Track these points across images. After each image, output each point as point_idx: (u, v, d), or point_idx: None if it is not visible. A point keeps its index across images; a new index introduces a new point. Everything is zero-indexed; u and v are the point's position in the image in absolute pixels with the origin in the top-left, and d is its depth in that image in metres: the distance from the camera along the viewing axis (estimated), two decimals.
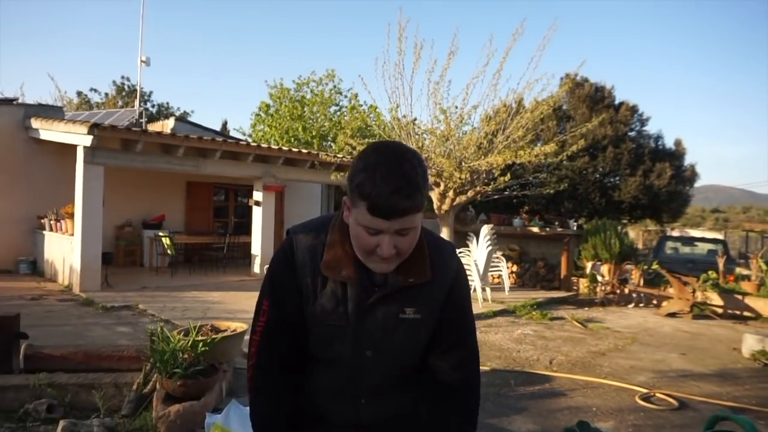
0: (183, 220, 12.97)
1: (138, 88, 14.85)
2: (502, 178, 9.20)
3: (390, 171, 1.10)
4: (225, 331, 4.55)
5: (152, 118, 19.18)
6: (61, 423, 3.48)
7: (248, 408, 1.93)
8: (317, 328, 1.29)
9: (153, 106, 25.10)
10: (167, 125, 14.06)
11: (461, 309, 1.37)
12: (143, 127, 11.49)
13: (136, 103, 14.36)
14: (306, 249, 1.28)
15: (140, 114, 13.15)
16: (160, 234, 10.68)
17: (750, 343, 6.53)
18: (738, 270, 11.70)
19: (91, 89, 26.01)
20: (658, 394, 4.83)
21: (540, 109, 9.17)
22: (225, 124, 26.75)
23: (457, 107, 9.64)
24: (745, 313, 9.43)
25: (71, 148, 9.02)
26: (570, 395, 4.78)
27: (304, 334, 1.31)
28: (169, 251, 10.50)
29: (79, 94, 25.66)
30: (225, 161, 10.35)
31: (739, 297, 9.62)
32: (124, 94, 24.85)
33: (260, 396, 1.35)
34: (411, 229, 1.17)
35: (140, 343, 5.41)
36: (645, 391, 4.89)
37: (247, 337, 5.08)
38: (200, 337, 4.03)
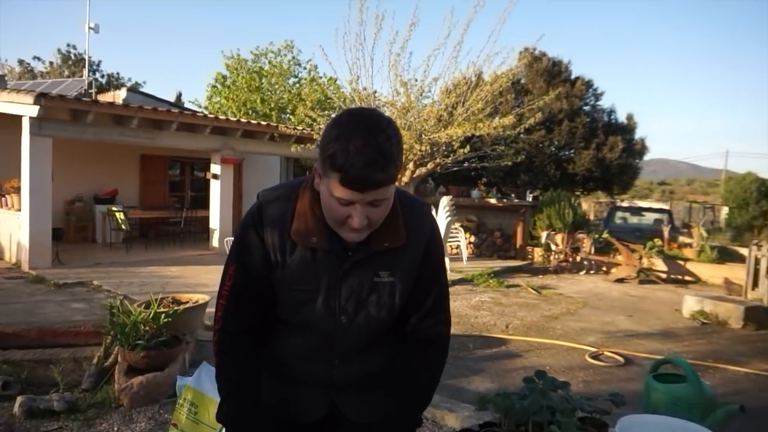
0: (137, 194, 12.59)
1: (86, 56, 14.15)
2: (461, 150, 9.33)
3: (365, 143, 1.06)
4: (187, 303, 4.53)
5: (102, 89, 18.31)
6: (19, 399, 3.43)
7: None
8: (286, 293, 1.28)
9: (102, 76, 23.94)
10: (118, 96, 13.49)
11: (437, 269, 1.39)
12: (93, 98, 11.00)
13: (85, 72, 13.72)
14: (275, 214, 1.27)
15: (89, 84, 12.54)
16: (113, 209, 10.36)
17: (690, 304, 6.97)
18: (681, 238, 12.34)
19: (35, 57, 24.67)
20: (606, 353, 5.13)
21: (499, 81, 9.28)
22: (179, 96, 25.82)
23: (417, 80, 9.65)
24: (686, 278, 10.01)
25: (16, 120, 8.57)
26: (525, 356, 5.02)
27: (271, 298, 1.30)
28: (123, 226, 10.22)
29: (21, 62, 24.24)
30: (181, 133, 10.06)
31: (681, 263, 10.19)
32: (70, 63, 23.56)
33: (226, 358, 1.34)
34: (383, 200, 1.15)
35: (97, 318, 5.32)
36: (594, 350, 5.19)
37: (209, 309, 5.08)
38: (162, 309, 4.00)
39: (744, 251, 11.22)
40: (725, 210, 21.44)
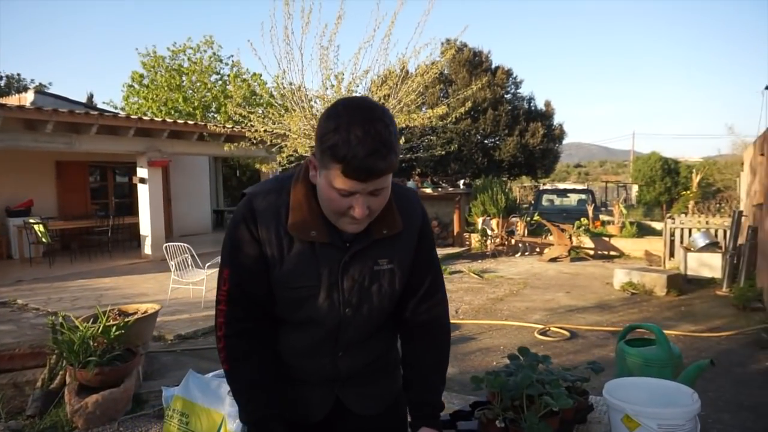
0: (55, 204, 11.73)
1: None
2: None
3: (365, 132, 1.05)
4: (134, 314, 4.31)
5: (2, 92, 16.84)
6: None
7: (207, 376, 1.92)
8: (286, 290, 1.25)
9: (0, 78, 22.02)
10: (25, 99, 12.46)
11: (431, 254, 1.42)
12: None
13: None
14: (268, 211, 1.23)
15: None
16: (31, 221, 9.61)
17: (620, 277, 7.49)
18: (602, 217, 13.19)
19: None
20: (552, 328, 5.42)
21: (430, 73, 9.45)
22: (91, 98, 24.21)
23: (344, 74, 9.64)
24: (612, 253, 10.72)
25: None
26: (479, 338, 5.21)
27: (270, 299, 1.28)
28: (43, 239, 9.51)
29: None
30: (102, 137, 9.47)
31: (606, 239, 10.91)
32: None
33: (240, 364, 1.28)
34: (383, 189, 1.15)
35: (31, 339, 4.95)
36: (541, 327, 5.46)
37: (159, 318, 4.87)
38: (111, 322, 3.79)
39: (655, 225, 12.20)
40: (635, 188, 23.09)
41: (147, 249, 10.44)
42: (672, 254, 9.14)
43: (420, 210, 1.38)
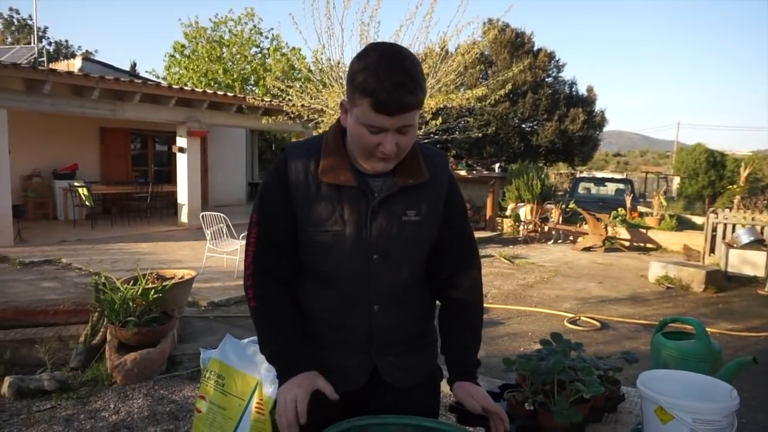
0: (98, 169, 12.12)
1: (34, 22, 13.32)
2: (433, 122, 9.35)
3: (393, 67, 1.12)
4: (172, 279, 4.45)
5: (51, 58, 17.35)
6: (8, 379, 3.33)
7: (244, 341, 1.97)
8: (314, 235, 1.28)
9: (50, 44, 22.64)
10: (74, 65, 12.81)
11: (462, 217, 1.42)
12: (47, 67, 10.43)
13: (33, 39, 12.91)
14: (301, 160, 1.29)
15: (40, 52, 11.85)
16: (76, 184, 9.96)
17: (655, 270, 7.32)
18: (640, 208, 12.84)
19: None
20: (582, 318, 5.35)
21: (471, 53, 9.29)
22: (134, 66, 24.71)
23: None
24: (648, 245, 10.46)
25: None
26: (507, 323, 5.19)
27: (294, 246, 1.32)
28: (87, 202, 9.85)
29: None
30: (145, 105, 9.69)
31: (643, 231, 10.63)
32: (13, 29, 22.15)
33: (263, 299, 1.32)
34: (411, 127, 1.19)
35: (74, 296, 5.18)
36: (571, 315, 5.40)
37: (195, 284, 5.02)
38: (150, 285, 3.92)
39: (696, 219, 11.81)
40: (677, 180, 22.35)
41: (183, 217, 10.71)
42: (713, 250, 8.87)
43: (448, 169, 1.41)
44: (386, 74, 1.11)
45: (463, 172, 12.51)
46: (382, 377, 1.41)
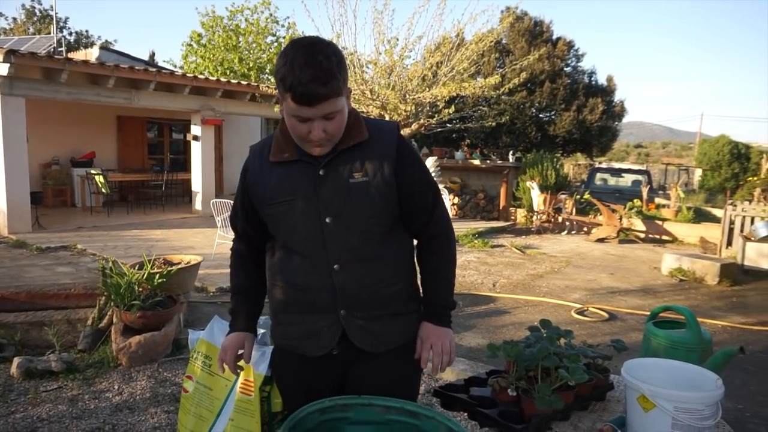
0: (115, 157, 12.30)
1: (53, 12, 13.50)
2: (446, 111, 9.28)
3: (305, 62, 1.22)
4: (178, 264, 4.51)
5: (71, 47, 17.59)
6: (16, 360, 3.42)
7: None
8: (268, 209, 1.44)
9: (70, 33, 22.94)
10: (91, 54, 12.96)
11: (421, 174, 1.48)
12: (65, 56, 10.58)
13: (52, 29, 13.10)
14: (258, 154, 1.49)
15: (59, 42, 12.02)
16: (93, 172, 10.12)
17: (668, 262, 7.20)
18: (658, 200, 12.62)
19: None
20: (590, 309, 5.30)
21: (485, 41, 9.17)
22: (153, 56, 24.92)
23: (398, 40, 9.47)
24: (664, 237, 10.29)
25: None
26: (513, 313, 5.16)
27: (257, 231, 1.53)
28: (103, 190, 10.01)
29: None
30: (160, 93, 9.79)
31: (659, 223, 10.45)
32: (35, 19, 22.48)
33: (234, 270, 1.64)
34: (336, 113, 1.30)
35: (86, 281, 5.28)
36: (579, 306, 5.35)
37: (201, 271, 5.08)
38: (155, 270, 3.98)
39: (716, 212, 11.57)
40: (699, 172, 21.90)
41: (197, 205, 10.83)
42: (730, 243, 8.67)
43: (395, 132, 1.47)
44: (300, 68, 1.22)
45: (476, 162, 12.42)
46: (351, 341, 1.44)
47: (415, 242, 1.58)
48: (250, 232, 1.55)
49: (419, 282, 1.57)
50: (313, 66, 1.22)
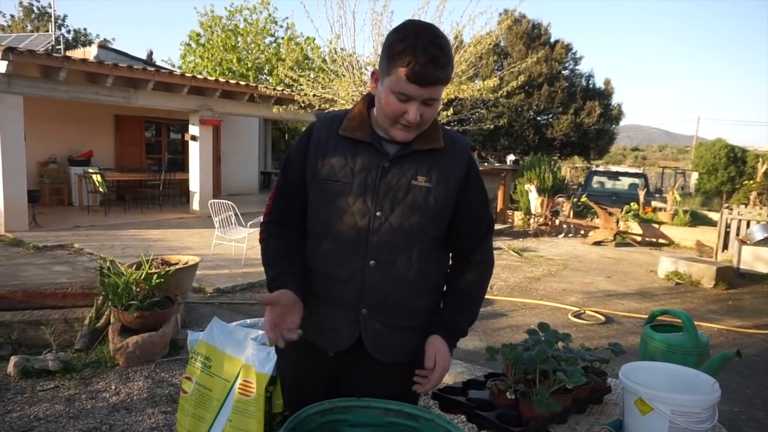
0: (113, 156, 12.28)
1: (52, 10, 13.47)
2: (444, 113, 9.30)
3: (429, 42, 1.22)
4: (176, 264, 4.50)
5: (69, 46, 17.54)
6: (13, 359, 3.41)
7: (231, 325, 1.99)
8: (323, 185, 1.37)
9: (69, 31, 22.87)
10: (89, 53, 12.94)
11: (482, 197, 1.47)
12: (63, 54, 10.56)
13: (51, 27, 13.07)
14: (326, 123, 1.42)
15: (57, 40, 11.98)
16: (90, 171, 10.10)
17: (665, 265, 7.22)
18: (654, 203, 12.66)
19: None
20: (587, 312, 5.31)
21: (484, 43, 9.19)
22: (150, 55, 24.87)
23: None
24: (660, 240, 10.33)
25: None
26: (510, 315, 5.17)
27: (304, 206, 1.43)
28: (101, 189, 9.99)
29: None
30: (158, 93, 9.77)
31: (656, 226, 10.49)
32: (33, 17, 22.41)
33: (271, 240, 1.45)
34: (436, 101, 1.30)
35: (83, 280, 5.27)
36: (576, 309, 5.36)
37: (198, 272, 5.08)
38: (153, 270, 3.98)
39: (713, 215, 11.62)
40: (695, 176, 21.97)
41: (195, 205, 10.82)
42: (726, 246, 8.72)
43: (468, 152, 1.46)
44: (423, 48, 1.21)
45: None
46: (364, 345, 1.42)
47: (450, 262, 1.54)
48: (292, 202, 1.44)
49: (443, 299, 1.52)
50: (437, 48, 1.22)
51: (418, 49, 1.21)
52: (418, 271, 1.40)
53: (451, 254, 1.52)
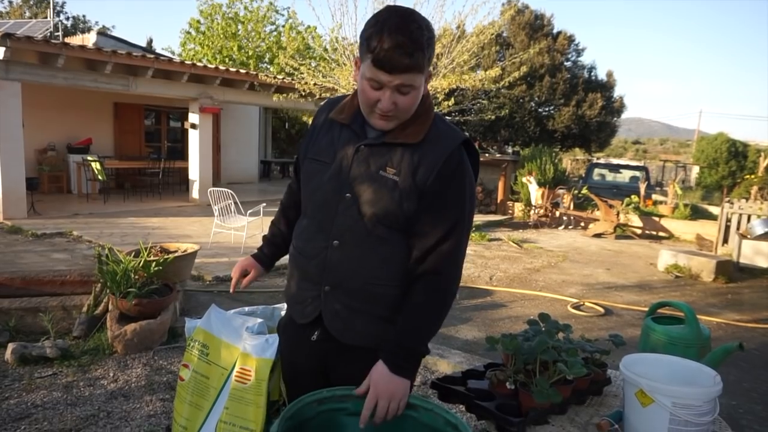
0: (112, 144, 12.22)
1: None
2: (445, 103, 9.25)
3: (397, 27, 1.19)
4: (175, 252, 4.49)
5: (67, 32, 17.40)
6: (11, 346, 3.40)
7: (229, 312, 1.99)
8: (308, 164, 1.46)
9: (67, 18, 22.72)
10: (88, 40, 12.85)
11: (457, 197, 1.35)
12: (62, 41, 10.47)
13: (49, 13, 12.96)
14: (328, 106, 1.49)
15: (56, 26, 11.88)
16: (89, 158, 10.06)
17: (665, 258, 7.22)
18: (655, 196, 12.63)
19: None
20: (587, 303, 5.31)
21: (486, 33, 9.12)
22: (150, 42, 24.73)
23: None
24: (660, 233, 10.32)
25: None
26: (509, 306, 5.17)
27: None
28: (99, 177, 9.96)
29: None
30: (158, 80, 9.71)
31: (656, 219, 10.48)
32: (31, 3, 22.24)
33: (276, 216, 1.75)
34: (411, 88, 1.25)
35: (82, 267, 5.25)
36: (575, 301, 5.36)
37: (197, 260, 5.06)
38: (152, 258, 3.96)
39: (713, 209, 11.60)
40: (696, 169, 21.92)
41: (194, 193, 10.79)
42: (726, 240, 8.71)
43: (454, 148, 1.34)
44: (389, 33, 1.19)
45: None
46: (323, 321, 1.42)
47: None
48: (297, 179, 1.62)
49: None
50: (404, 33, 1.19)
51: (384, 34, 1.19)
52: (380, 258, 1.37)
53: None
